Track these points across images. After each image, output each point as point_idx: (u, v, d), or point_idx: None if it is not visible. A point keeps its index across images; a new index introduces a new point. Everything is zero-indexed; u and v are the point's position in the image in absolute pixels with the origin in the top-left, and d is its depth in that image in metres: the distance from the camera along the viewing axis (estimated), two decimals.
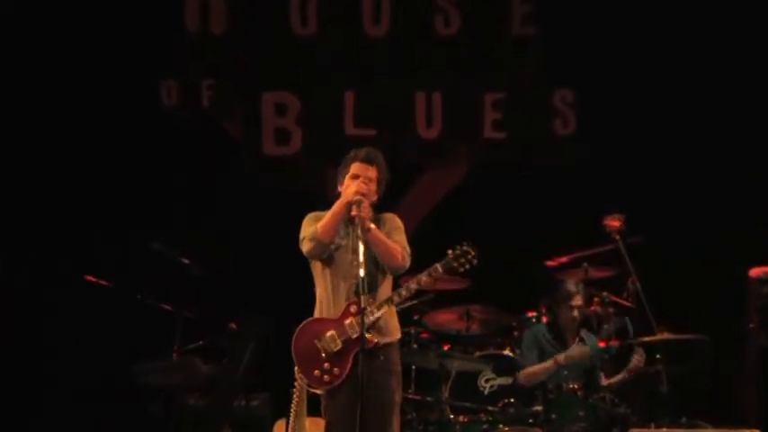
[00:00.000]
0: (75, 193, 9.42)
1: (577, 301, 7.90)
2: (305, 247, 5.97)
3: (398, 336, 6.05)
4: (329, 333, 5.83)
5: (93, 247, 9.19)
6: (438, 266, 5.66)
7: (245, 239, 9.50)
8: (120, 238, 9.24)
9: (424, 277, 5.68)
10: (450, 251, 5.66)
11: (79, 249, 9.19)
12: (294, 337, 5.96)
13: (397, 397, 5.89)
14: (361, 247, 5.66)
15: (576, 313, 7.89)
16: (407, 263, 5.89)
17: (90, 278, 8.28)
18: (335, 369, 5.80)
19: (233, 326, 8.26)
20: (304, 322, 5.97)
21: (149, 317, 8.39)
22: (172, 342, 8.08)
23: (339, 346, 5.80)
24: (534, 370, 7.84)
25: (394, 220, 6.05)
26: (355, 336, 5.74)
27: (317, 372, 5.84)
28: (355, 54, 9.81)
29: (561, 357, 7.72)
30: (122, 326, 9.00)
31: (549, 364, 7.76)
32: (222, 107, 9.80)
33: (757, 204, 8.97)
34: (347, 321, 5.80)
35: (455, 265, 5.62)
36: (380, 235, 5.76)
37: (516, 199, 9.51)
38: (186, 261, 8.14)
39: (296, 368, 5.97)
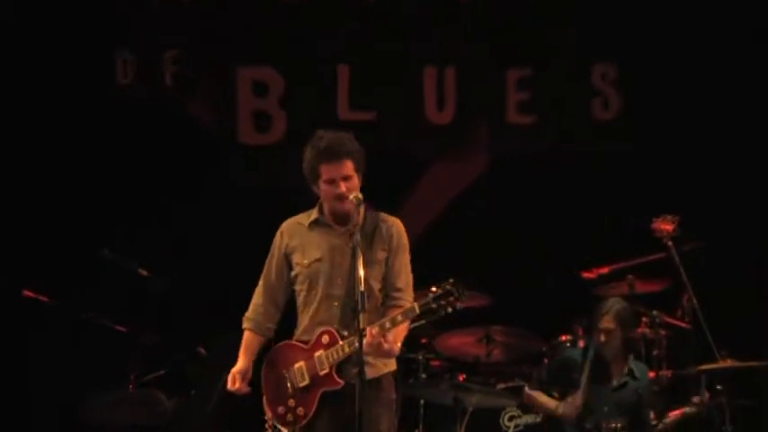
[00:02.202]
0: (11, 190, 9.41)
1: (604, 323, 7.83)
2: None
3: (386, 369, 5.99)
4: (298, 365, 5.93)
5: (31, 255, 9.16)
6: (416, 306, 5.66)
7: (217, 247, 9.54)
8: (64, 244, 9.21)
9: (399, 317, 5.68)
10: (434, 288, 5.65)
11: (15, 258, 9.18)
12: (265, 362, 6.09)
13: (384, 426, 5.90)
14: (361, 271, 5.61)
15: (602, 338, 7.82)
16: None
17: (28, 293, 8.23)
18: (300, 409, 5.90)
19: (201, 351, 8.29)
20: (277, 345, 6.07)
21: (100, 340, 8.43)
22: (127, 371, 8.09)
23: (306, 382, 5.89)
24: (538, 399, 7.94)
25: (400, 236, 6.04)
26: (323, 372, 5.82)
27: (281, 408, 5.95)
28: (350, 20, 9.79)
29: (561, 409, 7.78)
30: (67, 351, 8.98)
31: (551, 405, 7.84)
32: (188, 86, 9.78)
33: None
34: (317, 354, 5.86)
35: (434, 306, 5.61)
36: (402, 332, 5.80)
37: (546, 197, 9.49)
38: (144, 273, 8.12)
39: (264, 400, 6.06)
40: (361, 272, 5.59)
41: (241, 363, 6.12)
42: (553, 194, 9.45)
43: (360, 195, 5.84)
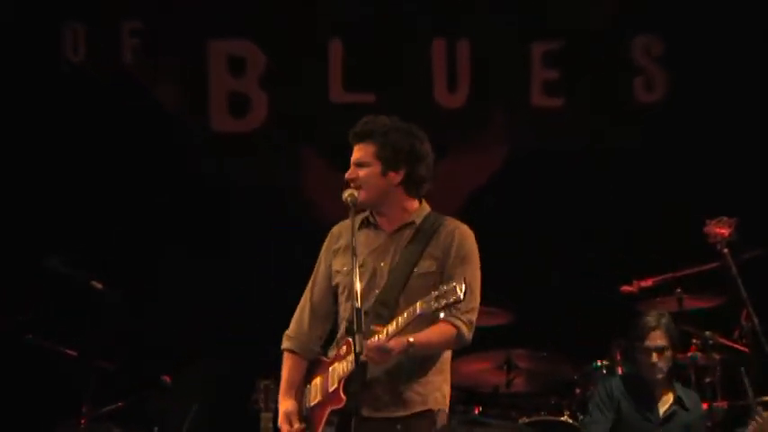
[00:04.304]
0: None
1: (656, 339, 7.72)
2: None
3: (432, 406, 5.90)
4: (315, 380, 5.92)
5: None
6: (417, 304, 5.62)
7: (187, 254, 9.56)
8: (1, 252, 9.20)
9: (400, 319, 5.65)
10: (439, 288, 5.63)
11: None
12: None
13: None
14: (357, 285, 5.62)
15: (654, 358, 7.71)
16: (469, 336, 5.84)
17: None
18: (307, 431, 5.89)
19: (166, 380, 8.24)
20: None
21: (46, 366, 8.50)
22: (79, 403, 8.05)
23: (318, 399, 5.88)
24: None
25: (462, 245, 5.90)
26: (332, 388, 5.78)
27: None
28: None
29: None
30: (8, 380, 9.03)
31: None
32: (151, 63, 9.78)
33: None
34: (333, 367, 5.83)
35: (433, 305, 5.56)
36: (423, 339, 5.74)
37: (577, 195, 9.52)
38: (98, 285, 8.06)
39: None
40: (358, 286, 5.58)
41: (287, 403, 5.94)
42: (585, 192, 9.48)
43: (355, 194, 5.80)
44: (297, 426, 5.85)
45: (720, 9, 9.49)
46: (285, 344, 6.01)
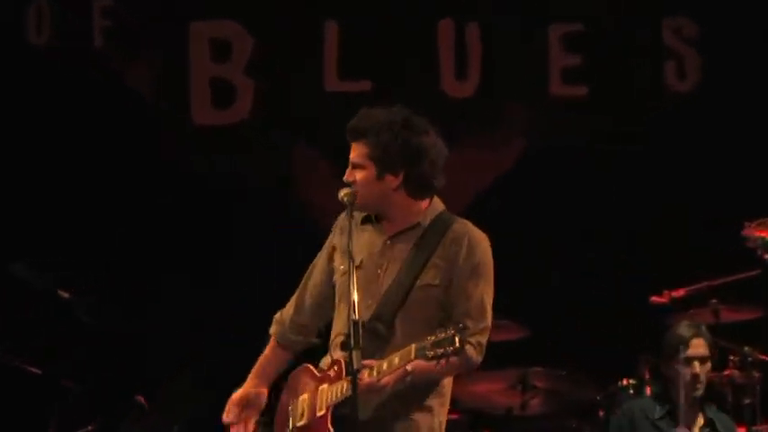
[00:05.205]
0: None
1: (698, 347, 7.67)
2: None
3: (417, 416, 5.80)
4: (303, 396, 5.91)
5: None
6: (412, 348, 5.57)
7: (166, 260, 9.58)
8: None
9: (396, 359, 5.61)
10: (437, 334, 5.60)
11: None
12: (286, 384, 6.04)
13: None
14: (355, 295, 5.52)
15: (696, 368, 7.65)
16: (478, 359, 5.75)
17: None
18: None
19: (141, 400, 8.19)
20: (298, 368, 6.00)
21: (9, 385, 8.57)
22: (45, 426, 8.06)
23: (303, 422, 5.87)
24: None
25: (471, 253, 5.77)
26: (320, 413, 5.75)
27: None
28: None
29: None
30: None
31: None
32: (125, 46, 9.76)
33: None
34: (322, 387, 5.80)
35: (429, 354, 5.51)
36: (424, 367, 5.64)
37: (601, 194, 9.51)
38: (66, 294, 8.01)
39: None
40: (355, 296, 5.51)
41: (244, 387, 6.03)
42: (610, 191, 9.48)
43: (351, 191, 5.71)
44: (230, 416, 5.97)
45: None
46: (272, 327, 6.11)
